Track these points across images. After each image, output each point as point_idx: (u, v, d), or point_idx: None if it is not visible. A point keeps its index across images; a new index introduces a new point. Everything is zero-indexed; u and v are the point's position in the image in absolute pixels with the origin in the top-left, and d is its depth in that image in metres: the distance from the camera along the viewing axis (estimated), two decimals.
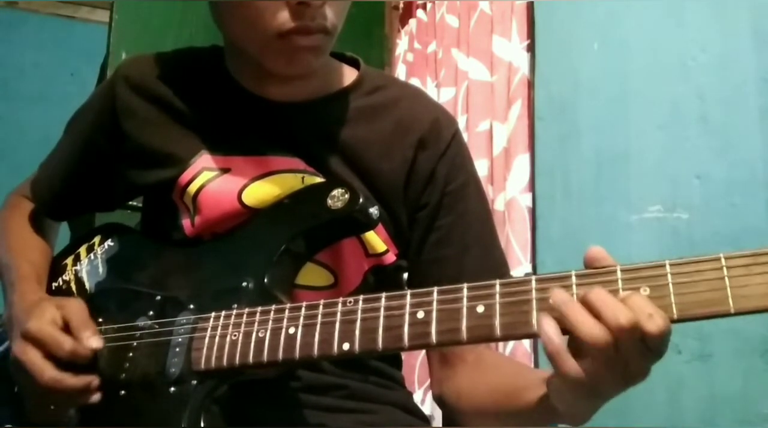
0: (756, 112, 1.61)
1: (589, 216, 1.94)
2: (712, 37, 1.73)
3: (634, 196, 1.83)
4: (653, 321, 0.64)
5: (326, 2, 0.90)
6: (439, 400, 1.03)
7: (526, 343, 1.98)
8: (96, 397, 0.88)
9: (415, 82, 2.64)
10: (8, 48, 3.50)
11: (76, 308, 0.92)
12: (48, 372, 0.87)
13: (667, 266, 0.66)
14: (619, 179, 1.88)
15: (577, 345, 0.67)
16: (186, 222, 1.00)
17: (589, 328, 0.66)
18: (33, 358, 0.88)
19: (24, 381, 0.90)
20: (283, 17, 0.89)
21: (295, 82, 1.00)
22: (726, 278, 0.63)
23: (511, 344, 1.99)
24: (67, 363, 0.88)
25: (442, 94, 2.50)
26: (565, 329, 0.67)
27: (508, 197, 2.17)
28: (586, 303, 0.67)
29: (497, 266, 1.02)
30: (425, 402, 2.18)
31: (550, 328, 0.67)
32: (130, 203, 1.19)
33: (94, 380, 0.88)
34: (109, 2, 2.50)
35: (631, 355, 0.65)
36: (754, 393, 1.53)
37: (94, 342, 0.89)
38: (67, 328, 0.90)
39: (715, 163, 1.68)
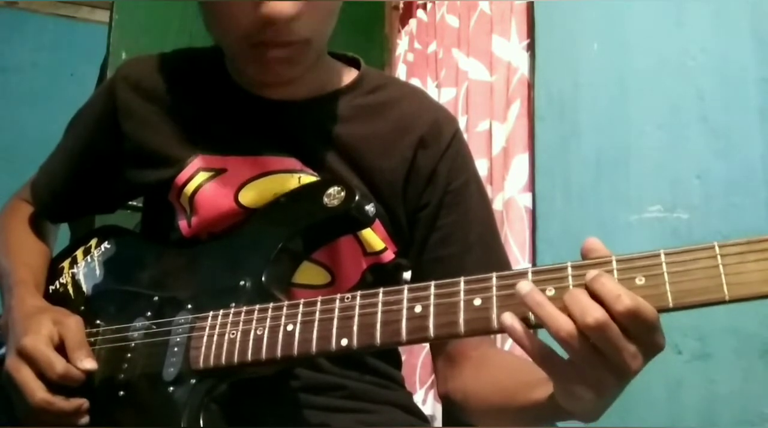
0: (756, 112, 1.60)
1: (589, 216, 1.93)
2: (712, 37, 1.73)
3: (634, 196, 1.83)
4: (620, 302, 0.64)
5: (294, 18, 0.86)
6: (445, 399, 1.03)
7: None
8: (85, 419, 0.88)
9: (415, 82, 2.64)
10: (8, 48, 3.50)
11: (74, 327, 0.91)
12: (39, 393, 0.87)
13: (662, 256, 0.67)
14: (619, 179, 1.88)
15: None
16: (183, 223, 1.00)
17: (556, 323, 0.66)
18: (25, 377, 0.88)
19: (16, 396, 0.89)
20: (251, 26, 0.88)
21: (295, 81, 1.00)
22: (720, 266, 0.64)
23: (509, 342, 1.98)
24: (60, 383, 0.88)
25: (443, 95, 2.50)
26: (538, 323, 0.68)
27: (507, 196, 2.17)
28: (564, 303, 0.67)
29: (499, 264, 1.02)
30: (426, 402, 2.18)
31: (509, 318, 0.68)
32: (130, 203, 1.19)
33: (84, 403, 0.88)
34: (109, 2, 2.50)
35: (611, 350, 0.66)
36: (754, 393, 1.52)
37: (87, 363, 0.88)
38: (62, 346, 0.90)
39: (715, 163, 1.68)
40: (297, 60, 0.92)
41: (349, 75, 1.07)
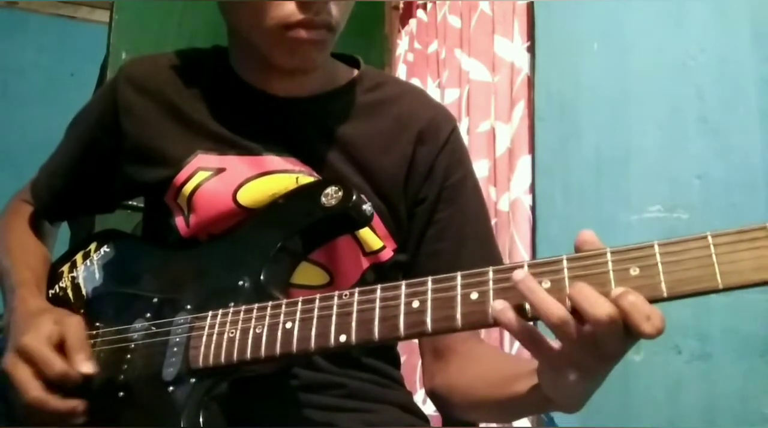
0: (756, 112, 1.61)
1: (589, 216, 1.94)
2: (712, 37, 1.73)
3: (634, 196, 1.84)
4: (651, 323, 0.65)
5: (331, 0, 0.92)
6: (431, 394, 1.04)
7: None
8: (81, 420, 0.87)
9: (415, 82, 2.64)
10: (8, 48, 3.50)
11: (74, 327, 0.91)
12: (33, 391, 0.86)
13: (656, 247, 0.67)
14: (619, 179, 1.89)
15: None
16: (180, 223, 1.00)
17: (548, 308, 0.67)
18: (21, 375, 0.87)
19: (13, 394, 0.89)
20: (290, 9, 0.91)
21: (298, 78, 1.01)
22: (713, 255, 0.64)
23: (517, 343, 1.98)
24: (57, 383, 0.87)
25: (446, 96, 2.50)
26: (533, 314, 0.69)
27: (513, 197, 2.16)
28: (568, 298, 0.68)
29: (494, 260, 1.03)
30: (427, 402, 2.18)
31: (499, 304, 0.69)
32: (130, 203, 1.19)
33: (79, 405, 0.87)
34: (109, 2, 2.50)
35: (611, 340, 0.66)
36: (754, 393, 1.53)
37: (86, 366, 0.87)
38: (62, 346, 0.89)
39: (715, 163, 1.68)
40: (324, 45, 0.96)
41: (350, 74, 1.07)
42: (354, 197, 0.89)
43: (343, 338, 0.77)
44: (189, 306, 0.90)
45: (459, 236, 1.02)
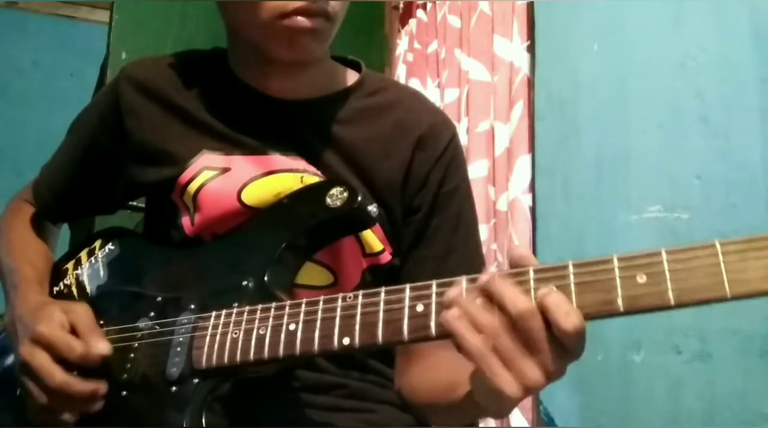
0: (756, 112, 1.61)
1: (589, 216, 1.94)
2: (712, 37, 1.73)
3: (634, 196, 1.84)
4: (569, 319, 0.66)
5: None
6: (398, 393, 1.04)
7: None
8: (100, 404, 0.88)
9: (415, 82, 2.64)
10: (8, 48, 3.51)
11: (83, 313, 0.92)
12: (58, 375, 0.87)
13: (663, 254, 0.67)
14: (619, 179, 1.89)
15: None
16: (186, 222, 1.00)
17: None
18: (42, 361, 0.88)
19: (30, 384, 0.89)
20: None
21: (298, 78, 1.01)
22: (722, 264, 0.64)
23: None
24: (75, 368, 0.88)
25: (446, 96, 2.50)
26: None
27: (511, 197, 2.16)
28: (487, 295, 0.70)
29: (479, 269, 1.03)
30: None
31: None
32: (131, 203, 1.19)
33: (101, 386, 0.88)
34: (109, 2, 2.50)
35: (537, 345, 0.67)
36: (754, 393, 1.53)
37: (102, 347, 0.88)
38: (73, 333, 0.90)
39: (715, 163, 1.68)
40: (322, 34, 0.95)
41: (351, 77, 1.07)
42: (359, 198, 0.89)
43: (346, 340, 0.77)
44: (193, 306, 0.90)
45: (446, 245, 1.02)
